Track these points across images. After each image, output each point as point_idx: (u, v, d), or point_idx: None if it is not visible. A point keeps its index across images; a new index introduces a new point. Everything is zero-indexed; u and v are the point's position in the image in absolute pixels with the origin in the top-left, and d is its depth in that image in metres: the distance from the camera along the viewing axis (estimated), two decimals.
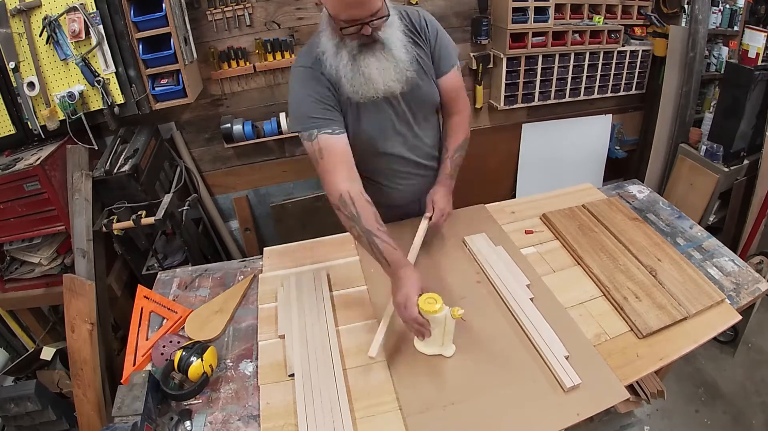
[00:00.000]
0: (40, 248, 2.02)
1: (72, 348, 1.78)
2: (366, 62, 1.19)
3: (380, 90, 1.23)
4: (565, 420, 0.99)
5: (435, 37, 1.34)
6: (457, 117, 1.48)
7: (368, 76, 1.20)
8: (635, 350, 1.14)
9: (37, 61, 1.84)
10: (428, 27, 1.33)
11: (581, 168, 3.09)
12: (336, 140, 1.23)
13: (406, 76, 1.24)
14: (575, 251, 1.44)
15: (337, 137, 1.24)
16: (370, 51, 1.18)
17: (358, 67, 1.19)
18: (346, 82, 1.21)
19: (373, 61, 1.19)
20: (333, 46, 1.18)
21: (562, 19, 2.57)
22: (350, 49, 1.17)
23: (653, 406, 2.10)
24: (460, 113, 1.47)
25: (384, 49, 1.19)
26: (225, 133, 2.40)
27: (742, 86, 2.34)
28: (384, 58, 1.20)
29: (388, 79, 1.22)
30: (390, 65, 1.21)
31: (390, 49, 1.20)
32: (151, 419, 1.04)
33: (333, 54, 1.19)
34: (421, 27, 1.32)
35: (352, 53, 1.18)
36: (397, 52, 1.21)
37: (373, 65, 1.19)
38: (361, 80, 1.20)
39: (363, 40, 1.16)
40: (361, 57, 1.18)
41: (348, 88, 1.22)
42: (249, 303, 1.37)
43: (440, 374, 1.09)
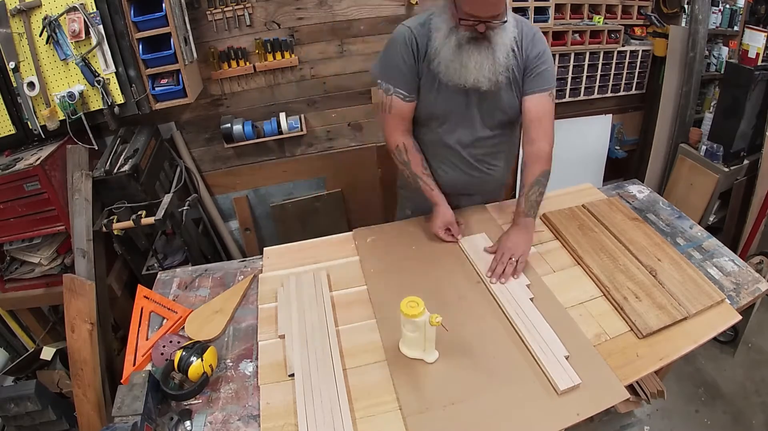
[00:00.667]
0: (40, 248, 2.02)
1: (72, 348, 1.78)
2: (468, 53, 1.28)
3: (469, 81, 1.31)
4: (565, 420, 0.99)
5: (536, 56, 1.37)
6: (537, 146, 1.42)
7: (464, 65, 1.29)
8: (635, 350, 1.14)
9: (37, 61, 1.84)
10: (533, 44, 1.37)
11: (581, 168, 3.08)
12: (405, 105, 1.43)
13: (497, 78, 1.32)
14: (575, 251, 1.44)
15: (407, 103, 1.42)
16: (476, 45, 1.27)
17: (460, 55, 1.28)
18: (444, 63, 1.31)
19: (475, 54, 1.28)
20: (447, 29, 1.28)
21: (562, 19, 2.57)
22: (461, 37, 1.27)
23: (653, 406, 2.10)
24: (540, 142, 1.42)
25: (489, 47, 1.28)
26: (225, 133, 2.40)
27: (742, 86, 2.34)
28: (486, 54, 1.28)
29: (480, 74, 1.30)
30: (487, 63, 1.29)
31: (494, 49, 1.28)
32: (151, 419, 1.04)
33: (444, 35, 1.29)
34: (525, 43, 1.36)
35: (460, 42, 1.27)
36: (499, 54, 1.29)
37: (473, 58, 1.28)
38: (456, 66, 1.30)
39: (475, 35, 1.26)
40: (467, 47, 1.28)
41: (442, 68, 1.32)
42: (249, 303, 1.37)
43: (440, 374, 1.09)
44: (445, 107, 1.42)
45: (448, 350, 1.15)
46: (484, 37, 1.26)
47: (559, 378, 1.04)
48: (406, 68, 1.38)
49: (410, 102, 1.42)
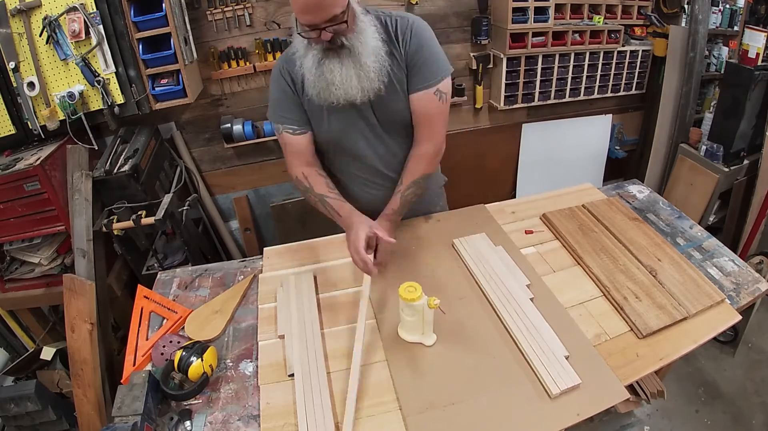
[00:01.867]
0: (40, 248, 2.03)
1: (72, 348, 1.78)
2: (330, 67, 1.18)
3: (340, 97, 1.21)
4: (565, 420, 0.99)
5: (416, 50, 1.24)
6: (421, 147, 1.35)
7: (330, 81, 1.19)
8: (635, 350, 1.14)
9: (37, 61, 1.84)
10: (411, 38, 1.24)
11: (581, 168, 3.09)
12: (295, 139, 1.35)
13: (371, 85, 1.21)
14: (575, 251, 1.44)
15: (296, 137, 1.34)
16: (336, 56, 1.17)
17: (322, 71, 1.18)
18: (310, 84, 1.22)
19: (337, 67, 1.17)
20: (303, 47, 1.20)
21: (562, 19, 2.57)
22: (316, 52, 1.18)
23: (653, 406, 2.10)
24: (424, 143, 1.34)
25: (350, 55, 1.17)
26: (225, 133, 2.40)
27: (742, 86, 2.34)
28: (350, 64, 1.17)
29: (349, 87, 1.19)
30: (353, 73, 1.18)
31: (357, 57, 1.17)
32: (151, 419, 1.04)
33: (302, 55, 1.21)
34: (403, 38, 1.24)
35: (318, 57, 1.18)
36: (365, 59, 1.17)
37: (336, 71, 1.18)
38: (322, 84, 1.20)
39: (327, 45, 1.15)
40: (326, 61, 1.18)
41: (312, 90, 1.23)
42: (249, 303, 1.37)
43: (441, 374, 1.09)
44: (342, 130, 1.33)
45: (449, 350, 1.15)
46: (340, 45, 1.15)
47: (559, 378, 1.04)
48: (288, 101, 1.30)
49: (300, 134, 1.33)
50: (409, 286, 1.08)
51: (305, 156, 1.37)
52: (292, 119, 1.32)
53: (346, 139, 1.35)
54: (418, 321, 1.12)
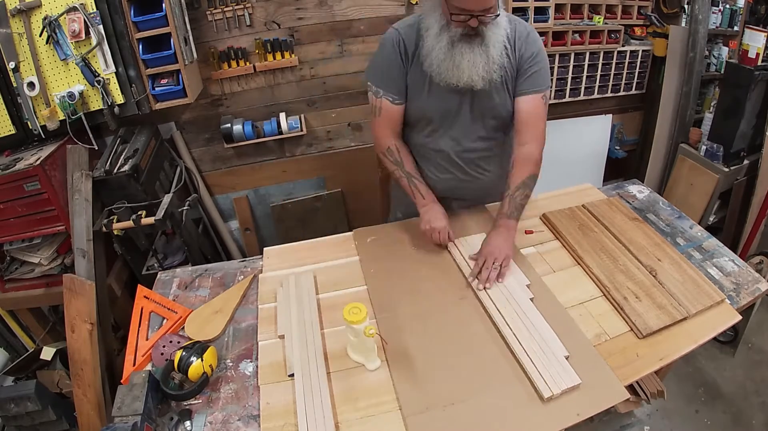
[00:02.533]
0: (40, 248, 2.02)
1: (72, 348, 1.78)
2: (461, 51, 1.24)
3: (463, 80, 1.27)
4: (565, 420, 0.99)
5: (530, 56, 1.33)
6: (526, 148, 1.39)
7: (458, 64, 1.25)
8: (635, 350, 1.14)
9: (37, 61, 1.84)
10: (527, 44, 1.33)
11: (581, 168, 3.08)
12: (394, 108, 1.42)
13: (491, 76, 1.28)
14: (575, 251, 1.44)
15: (395, 106, 1.41)
16: (469, 42, 1.24)
17: (453, 53, 1.25)
18: (436, 62, 1.27)
19: (467, 52, 1.24)
20: (438, 27, 1.25)
21: (562, 19, 2.57)
22: (453, 34, 1.23)
23: (653, 406, 2.10)
24: (530, 144, 1.39)
25: (482, 44, 1.24)
26: (225, 133, 2.40)
27: (742, 86, 2.33)
28: (479, 52, 1.24)
29: (473, 73, 1.26)
30: (481, 61, 1.25)
31: (487, 46, 1.24)
32: (151, 419, 1.04)
33: (435, 34, 1.26)
34: (519, 42, 1.33)
35: (453, 39, 1.24)
36: (493, 50, 1.25)
37: (466, 55, 1.24)
38: (449, 65, 1.26)
39: (467, 31, 1.22)
40: (459, 45, 1.24)
41: (435, 68, 1.28)
42: (249, 303, 1.37)
43: (441, 374, 1.09)
44: (437, 109, 1.39)
45: (449, 350, 1.15)
46: (476, 33, 1.22)
47: (559, 379, 1.04)
48: (395, 71, 1.37)
49: (399, 105, 1.41)
50: (354, 307, 1.06)
51: (396, 126, 1.46)
52: (395, 89, 1.39)
53: (438, 117, 1.41)
54: (361, 344, 1.11)
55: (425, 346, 1.16)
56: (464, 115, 1.40)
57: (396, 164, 1.47)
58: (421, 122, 1.45)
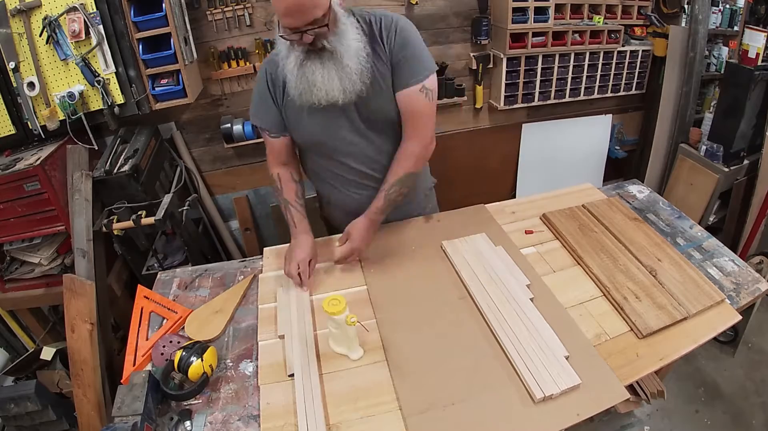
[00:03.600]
0: (40, 248, 2.02)
1: (72, 348, 1.78)
2: (311, 68, 1.18)
3: (322, 98, 1.21)
4: (565, 420, 0.99)
5: (400, 48, 1.24)
6: (407, 144, 1.35)
7: (312, 83, 1.19)
8: (635, 350, 1.14)
9: (37, 61, 1.84)
10: (396, 37, 1.24)
11: (581, 168, 3.09)
12: (273, 142, 1.42)
13: (353, 87, 1.21)
14: (575, 251, 1.44)
15: (273, 139, 1.41)
16: (318, 58, 1.18)
17: (303, 72, 1.19)
18: (292, 85, 1.23)
19: (318, 68, 1.18)
20: (285, 48, 1.20)
21: (562, 19, 2.57)
22: (298, 53, 1.18)
23: (653, 406, 2.09)
24: (410, 140, 1.34)
25: (332, 57, 1.17)
26: (225, 133, 2.40)
27: (742, 86, 2.34)
28: (331, 66, 1.18)
29: (331, 88, 1.20)
30: (335, 74, 1.18)
31: (339, 58, 1.17)
32: (151, 419, 1.04)
33: (285, 56, 1.21)
34: (388, 36, 1.24)
35: (300, 58, 1.18)
36: (347, 61, 1.18)
37: (317, 72, 1.18)
38: (304, 85, 1.21)
39: (309, 47, 1.16)
40: (308, 63, 1.18)
41: (293, 91, 1.24)
42: (249, 303, 1.37)
43: (441, 374, 1.09)
44: (324, 131, 1.33)
45: (449, 350, 1.15)
46: (322, 47, 1.15)
47: (559, 379, 1.04)
48: (266, 106, 1.35)
49: (276, 138, 1.39)
50: (333, 299, 1.08)
51: (282, 156, 1.45)
52: (270, 123, 1.37)
53: (329, 139, 1.35)
54: (343, 335, 1.12)
55: (425, 346, 1.16)
56: (357, 128, 1.34)
57: (277, 191, 1.46)
58: (318, 146, 1.40)
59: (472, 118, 2.84)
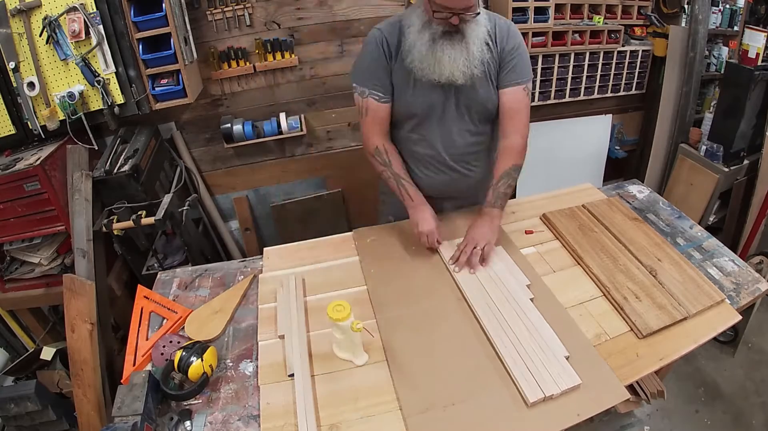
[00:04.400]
0: (40, 248, 2.02)
1: (72, 348, 1.78)
2: (442, 47, 1.27)
3: (444, 75, 1.30)
4: (565, 421, 0.99)
5: (512, 49, 1.37)
6: (509, 139, 1.43)
7: (438, 60, 1.28)
8: (635, 350, 1.14)
9: (37, 61, 1.84)
10: (508, 38, 1.37)
11: (581, 168, 3.08)
12: (380, 107, 1.42)
13: (471, 72, 1.31)
14: (575, 251, 1.44)
15: (381, 104, 1.42)
16: (449, 39, 1.27)
17: (434, 49, 1.28)
18: (418, 58, 1.30)
19: (448, 48, 1.27)
20: (420, 23, 1.29)
21: (562, 19, 2.57)
22: (434, 31, 1.27)
23: (653, 406, 2.10)
24: (513, 135, 1.43)
25: (463, 41, 1.28)
26: (225, 133, 2.40)
27: (742, 86, 2.34)
28: (460, 48, 1.28)
29: (454, 68, 1.29)
30: (461, 57, 1.28)
31: (467, 43, 1.28)
32: (151, 419, 1.04)
33: (417, 30, 1.29)
34: (501, 36, 1.36)
35: (434, 36, 1.27)
36: (473, 47, 1.29)
37: (447, 51, 1.27)
38: (431, 61, 1.29)
39: (448, 28, 1.26)
40: (440, 41, 1.27)
41: (417, 63, 1.31)
42: (249, 303, 1.37)
43: (441, 374, 1.09)
44: (422, 105, 1.40)
45: (450, 350, 1.15)
46: (457, 30, 1.26)
47: (559, 379, 1.04)
48: (379, 69, 1.38)
49: (385, 103, 1.42)
50: (338, 305, 1.07)
51: (384, 125, 1.46)
52: (381, 87, 1.39)
53: (423, 113, 1.42)
54: (347, 341, 1.12)
55: (426, 346, 1.16)
56: (450, 111, 1.41)
57: (384, 165, 1.47)
58: (408, 119, 1.45)
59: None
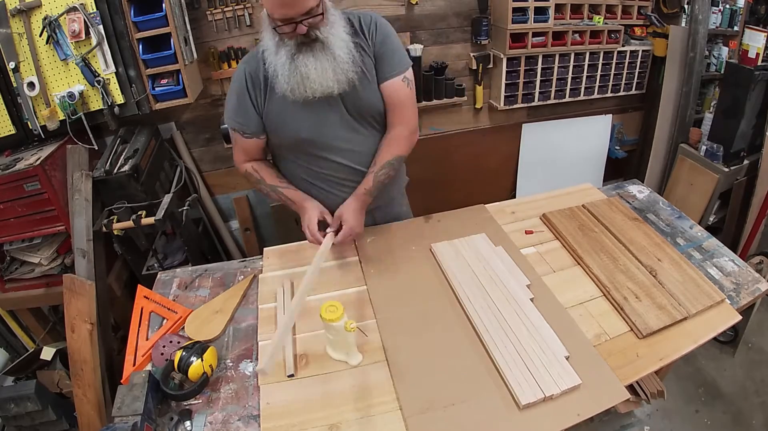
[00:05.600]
0: (40, 248, 2.02)
1: (72, 348, 1.78)
2: (304, 61, 1.19)
3: (317, 90, 1.22)
4: (565, 421, 0.99)
5: (382, 42, 1.31)
6: (395, 130, 1.39)
7: (305, 75, 1.20)
8: (635, 350, 1.14)
9: (37, 61, 1.84)
10: (377, 31, 1.30)
11: (581, 168, 3.09)
12: (246, 141, 1.39)
13: (346, 77, 1.23)
14: (575, 251, 1.44)
15: (247, 139, 1.38)
16: (310, 50, 1.19)
17: (296, 66, 1.20)
18: (284, 80, 1.22)
19: (311, 61, 1.19)
20: (273, 44, 1.20)
21: (562, 19, 2.57)
22: (289, 48, 1.19)
23: (653, 406, 2.10)
24: (398, 126, 1.39)
25: (324, 48, 1.19)
26: (225, 133, 2.39)
27: (742, 86, 2.33)
28: (324, 57, 1.19)
29: (325, 79, 1.21)
30: (329, 65, 1.20)
31: (330, 49, 1.20)
32: (151, 419, 1.04)
33: (273, 52, 1.21)
34: (369, 31, 1.30)
35: (291, 52, 1.19)
36: (338, 51, 1.20)
37: (311, 64, 1.19)
38: (297, 79, 1.21)
39: (301, 39, 1.17)
40: (300, 56, 1.19)
41: (285, 86, 1.23)
42: (249, 303, 1.37)
43: (441, 374, 1.09)
44: (310, 127, 1.33)
45: (450, 350, 1.15)
46: (314, 38, 1.18)
47: (559, 379, 1.04)
48: (243, 106, 1.32)
49: (249, 138, 1.37)
50: (331, 306, 1.07)
51: (251, 154, 1.44)
52: (245, 125, 1.35)
53: (317, 135, 1.35)
54: (341, 341, 1.11)
55: (426, 346, 1.16)
56: (343, 123, 1.35)
57: (258, 183, 1.45)
58: (303, 145, 1.37)
59: (472, 118, 2.84)
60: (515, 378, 1.05)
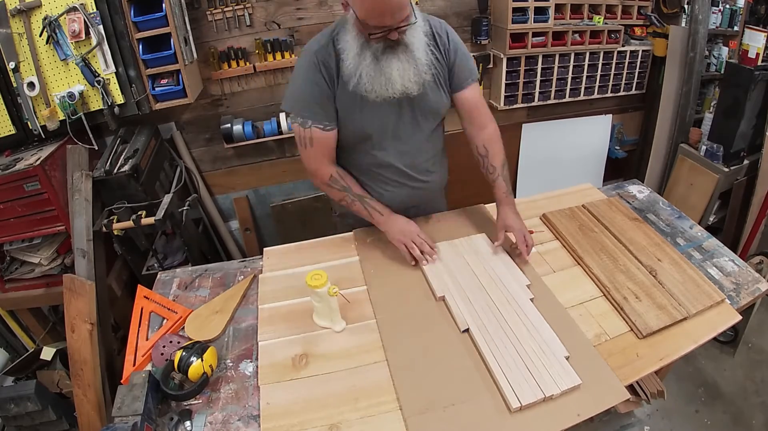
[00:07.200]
0: (40, 248, 2.02)
1: (72, 348, 1.78)
2: (388, 63, 1.22)
3: (398, 90, 1.26)
4: (565, 421, 0.99)
5: (455, 51, 1.36)
6: (487, 130, 1.46)
7: (389, 77, 1.23)
8: (635, 350, 1.14)
9: (37, 61, 1.84)
10: (449, 40, 1.35)
11: (581, 168, 3.09)
12: (326, 135, 1.35)
13: (423, 78, 1.28)
14: (575, 251, 1.44)
15: (327, 133, 1.34)
16: (393, 52, 1.22)
17: (381, 67, 1.23)
18: (367, 80, 1.24)
19: (395, 62, 1.23)
20: (358, 46, 1.22)
21: (562, 19, 2.57)
22: (374, 50, 1.21)
23: (653, 406, 2.10)
24: (490, 125, 1.46)
25: (407, 50, 1.23)
26: (225, 133, 2.40)
27: (742, 86, 2.34)
28: (405, 59, 1.23)
29: (407, 80, 1.25)
30: (410, 66, 1.24)
31: (412, 51, 1.24)
32: (151, 419, 1.04)
33: (356, 54, 1.23)
34: (441, 37, 1.34)
35: (376, 54, 1.22)
36: (418, 54, 1.25)
37: (394, 66, 1.23)
38: (381, 80, 1.24)
39: (388, 43, 1.20)
40: (384, 58, 1.22)
41: (367, 86, 1.25)
42: (249, 304, 1.37)
43: (441, 374, 1.09)
44: (377, 124, 1.34)
45: (450, 350, 1.15)
46: (398, 42, 1.21)
47: (559, 379, 1.04)
48: (321, 96, 1.29)
49: (331, 131, 1.34)
50: (315, 274, 1.16)
51: (332, 153, 1.40)
52: (324, 115, 1.32)
53: (378, 132, 1.37)
54: (326, 307, 1.19)
55: (426, 346, 1.16)
56: (405, 123, 1.38)
57: (344, 190, 1.41)
58: (362, 141, 1.39)
59: None
60: (515, 378, 1.05)
